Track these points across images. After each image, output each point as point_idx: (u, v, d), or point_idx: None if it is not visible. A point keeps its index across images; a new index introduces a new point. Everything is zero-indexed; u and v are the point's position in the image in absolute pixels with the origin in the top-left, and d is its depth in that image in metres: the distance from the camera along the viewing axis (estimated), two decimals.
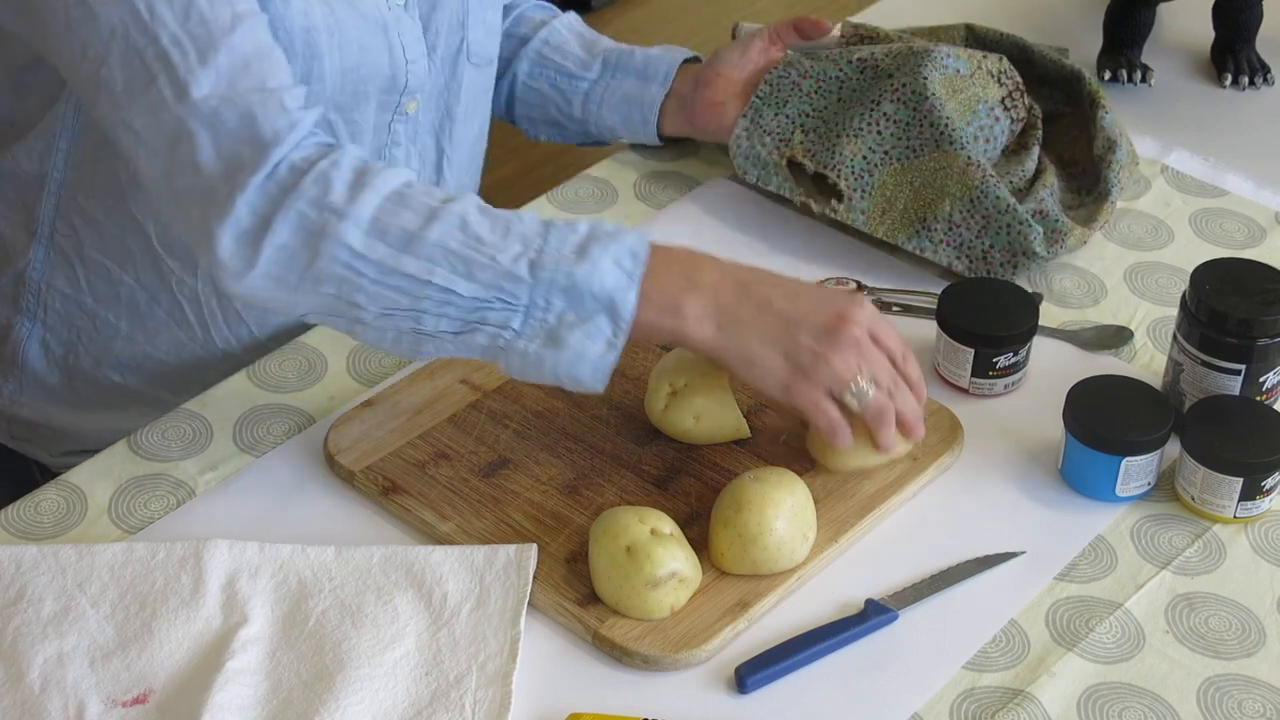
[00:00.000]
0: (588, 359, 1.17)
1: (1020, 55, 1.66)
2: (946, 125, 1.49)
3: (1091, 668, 1.15)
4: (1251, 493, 1.24)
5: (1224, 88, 1.78)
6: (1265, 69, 1.79)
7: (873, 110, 1.51)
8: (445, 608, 1.15)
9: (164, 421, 1.33)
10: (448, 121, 1.47)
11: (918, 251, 1.47)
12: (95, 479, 1.28)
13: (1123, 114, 1.61)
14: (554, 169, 2.17)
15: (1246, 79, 1.78)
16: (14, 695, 1.10)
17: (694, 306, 1.19)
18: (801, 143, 1.52)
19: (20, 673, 1.11)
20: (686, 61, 1.60)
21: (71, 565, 1.17)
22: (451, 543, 1.21)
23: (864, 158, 1.50)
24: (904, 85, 1.51)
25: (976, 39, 1.68)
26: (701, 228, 1.55)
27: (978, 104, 1.52)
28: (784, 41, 1.59)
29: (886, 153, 1.50)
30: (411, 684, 1.11)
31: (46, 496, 1.26)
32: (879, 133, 1.50)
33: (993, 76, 1.55)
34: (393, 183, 1.19)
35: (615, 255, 1.18)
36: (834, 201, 1.50)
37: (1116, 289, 1.49)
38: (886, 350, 1.21)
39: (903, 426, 1.22)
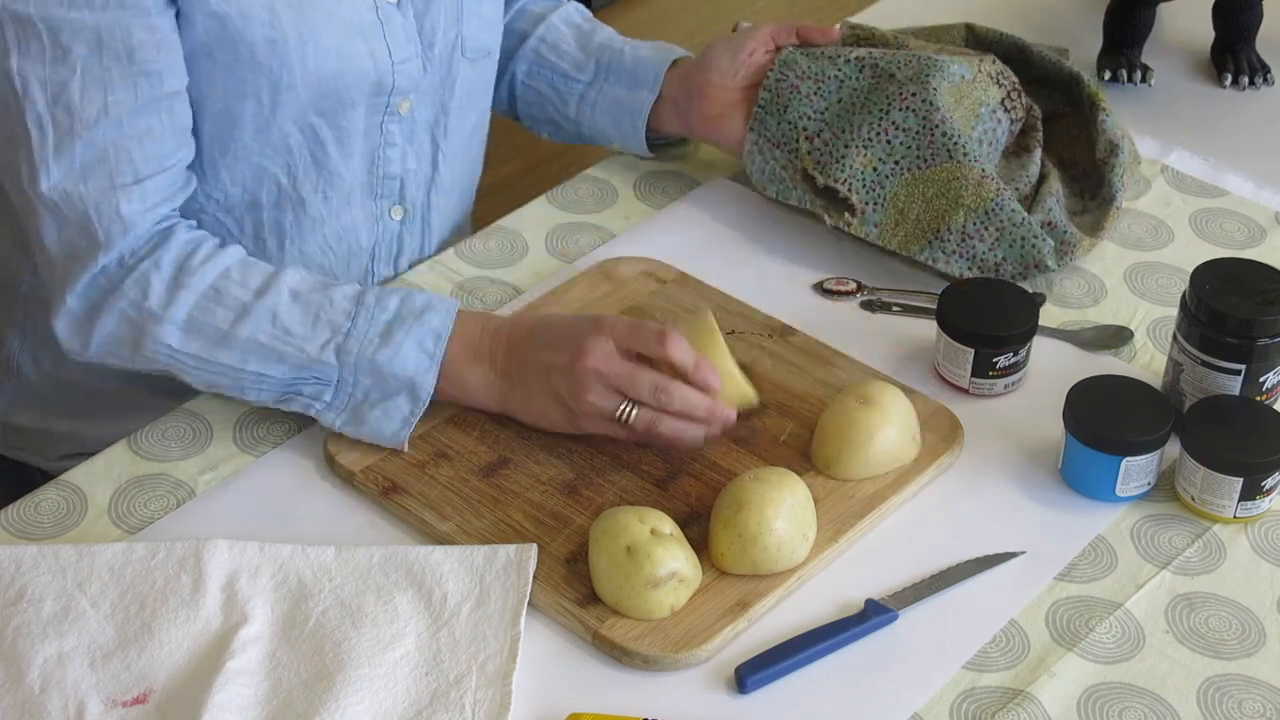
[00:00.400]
0: (386, 434, 1.26)
1: (1020, 56, 1.66)
2: (959, 137, 1.48)
3: (1091, 668, 1.15)
4: (1251, 493, 1.24)
5: (1224, 88, 1.78)
6: (1265, 69, 1.78)
7: (881, 119, 1.49)
8: (445, 608, 1.15)
9: (164, 421, 1.33)
10: (443, 117, 1.46)
11: (929, 263, 1.47)
12: (95, 479, 1.28)
13: (1123, 114, 1.61)
14: (556, 168, 2.16)
15: (1246, 79, 1.77)
16: (14, 695, 1.10)
17: (475, 379, 1.28)
18: (809, 152, 1.50)
19: (20, 673, 1.11)
20: (678, 59, 1.59)
21: (71, 565, 1.17)
22: (451, 543, 1.21)
23: (874, 169, 1.49)
24: (913, 94, 1.49)
25: (976, 39, 1.68)
26: (701, 228, 1.55)
27: (980, 107, 1.52)
28: (781, 44, 1.56)
29: (897, 163, 1.49)
30: (411, 684, 1.11)
31: (46, 496, 1.26)
32: (889, 142, 1.49)
33: (991, 79, 1.54)
34: (209, 277, 1.27)
35: (419, 338, 1.26)
36: (847, 215, 1.49)
37: (1116, 289, 1.49)
38: (642, 346, 1.24)
39: (702, 422, 1.24)
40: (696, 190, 1.60)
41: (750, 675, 1.12)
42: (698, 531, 1.20)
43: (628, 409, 1.24)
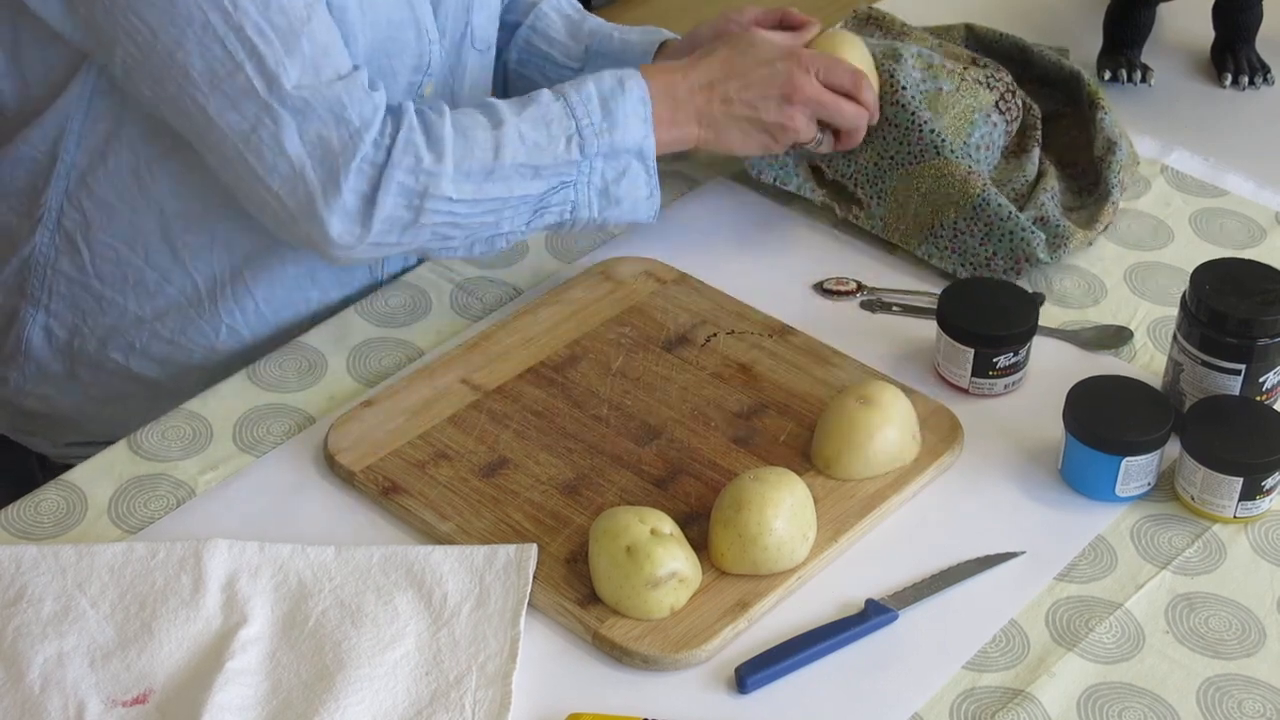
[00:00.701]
0: (640, 201, 1.40)
1: (1020, 55, 1.66)
2: (945, 134, 1.49)
3: (1091, 668, 1.15)
4: (1251, 493, 1.24)
5: (1224, 88, 1.78)
6: (1265, 69, 1.78)
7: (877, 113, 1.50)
8: (445, 608, 1.15)
9: (164, 421, 1.33)
10: (452, 106, 1.47)
11: (925, 257, 1.47)
12: (95, 479, 1.28)
13: (1123, 114, 1.61)
14: None
15: (1246, 79, 1.78)
16: (14, 695, 1.10)
17: (683, 119, 1.41)
18: (819, 144, 1.51)
19: (20, 673, 1.11)
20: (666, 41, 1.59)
21: (71, 565, 1.17)
22: (451, 543, 1.21)
23: (875, 164, 1.50)
24: (902, 88, 1.50)
25: (976, 39, 1.68)
26: (701, 228, 1.55)
27: (974, 114, 1.52)
28: (765, 28, 1.55)
29: (893, 158, 1.50)
30: (411, 684, 1.11)
31: (47, 496, 1.26)
32: (884, 138, 1.50)
33: (981, 84, 1.54)
34: (449, 127, 1.31)
35: (632, 108, 1.37)
36: (854, 208, 1.51)
37: (1117, 289, 1.49)
38: (841, 89, 1.44)
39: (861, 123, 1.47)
40: (696, 190, 1.60)
41: (750, 675, 1.12)
42: (698, 531, 1.20)
43: (821, 137, 1.45)
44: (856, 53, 1.49)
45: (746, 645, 1.15)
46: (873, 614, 1.16)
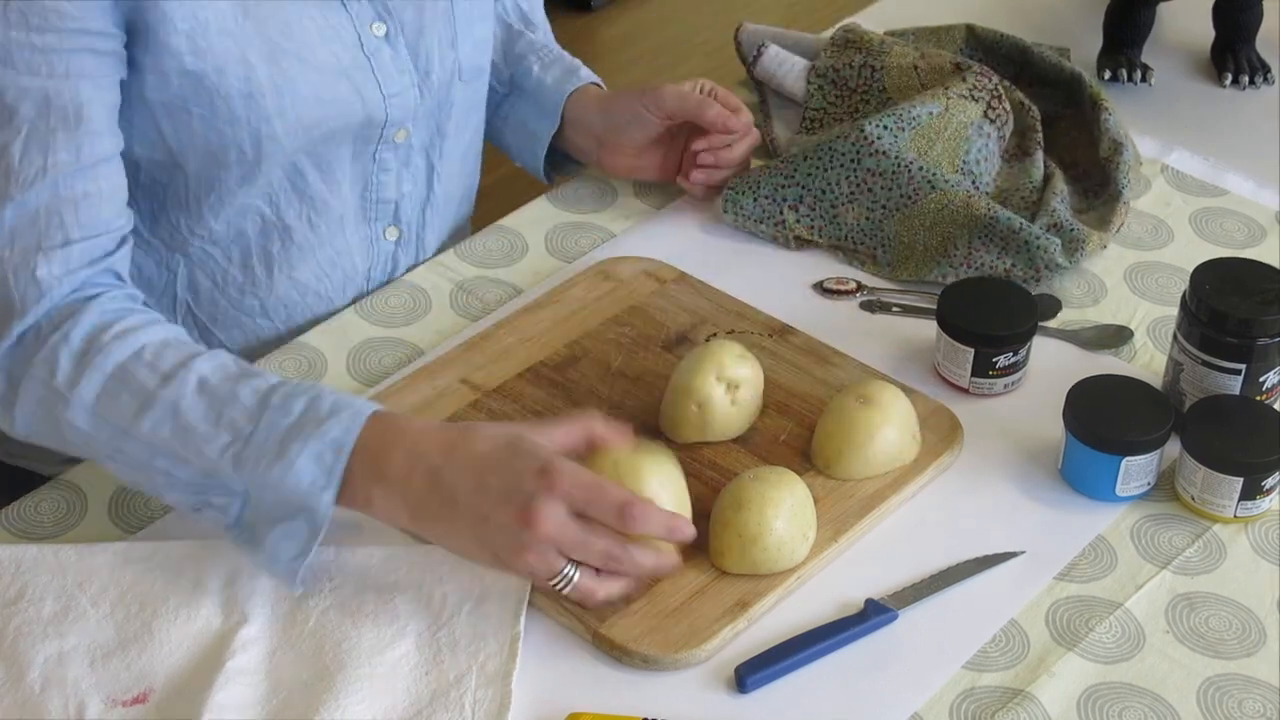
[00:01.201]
0: (280, 560, 1.13)
1: (1020, 56, 1.66)
2: (935, 167, 1.49)
3: (1091, 667, 1.15)
4: (1251, 492, 1.24)
5: (1224, 87, 1.78)
6: (1265, 68, 1.78)
7: (855, 169, 1.49)
8: (445, 607, 1.15)
9: None
10: (438, 139, 1.46)
11: (939, 279, 1.47)
12: (95, 479, 1.27)
13: (1123, 114, 1.61)
14: None
15: (1246, 78, 1.78)
16: (14, 695, 1.10)
17: (381, 501, 1.13)
18: (798, 220, 1.51)
19: (20, 672, 1.11)
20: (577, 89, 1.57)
21: (71, 565, 1.17)
22: None
23: (868, 218, 1.50)
24: (878, 137, 1.49)
25: (977, 40, 1.68)
26: (701, 228, 1.55)
27: (967, 129, 1.52)
28: (697, 149, 1.53)
29: (885, 206, 1.49)
30: (411, 684, 1.11)
31: (46, 496, 1.26)
32: (870, 190, 1.49)
33: (965, 97, 1.54)
34: (120, 355, 1.17)
35: (317, 451, 1.12)
36: (857, 257, 1.50)
37: (1117, 289, 1.49)
38: (600, 516, 1.10)
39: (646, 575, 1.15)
40: None
41: (750, 675, 1.12)
42: (698, 531, 1.20)
43: (570, 574, 1.10)
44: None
45: (746, 645, 1.15)
46: (872, 614, 1.16)
